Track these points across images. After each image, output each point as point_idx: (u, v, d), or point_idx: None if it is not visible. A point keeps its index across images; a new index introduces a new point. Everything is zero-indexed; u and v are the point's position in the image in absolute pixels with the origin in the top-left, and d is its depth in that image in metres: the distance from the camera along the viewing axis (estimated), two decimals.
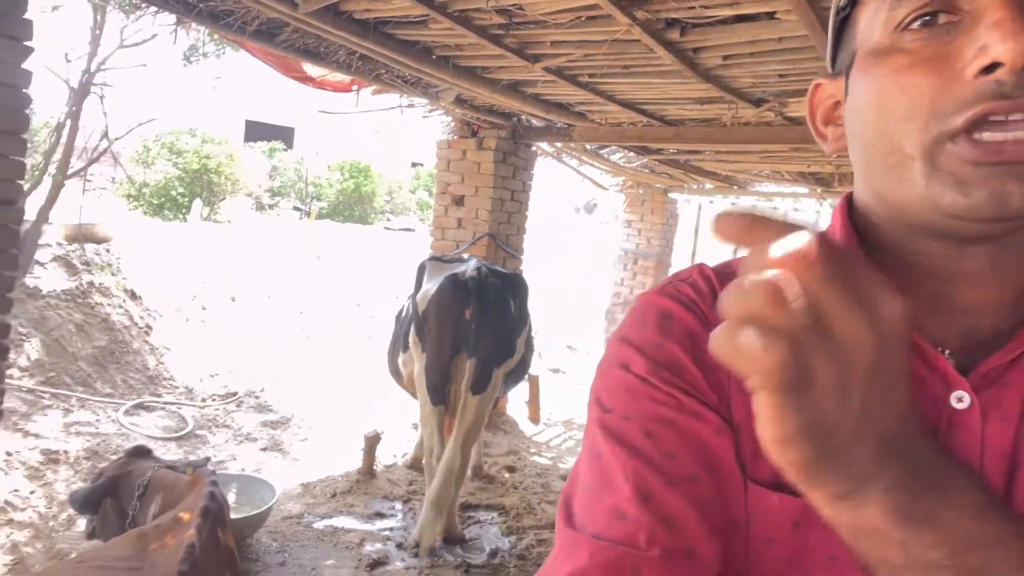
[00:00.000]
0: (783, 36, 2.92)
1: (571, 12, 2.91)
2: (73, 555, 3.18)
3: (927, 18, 0.51)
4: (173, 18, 3.47)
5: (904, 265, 0.58)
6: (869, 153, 0.55)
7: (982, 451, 0.52)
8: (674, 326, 0.61)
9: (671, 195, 8.24)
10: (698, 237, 8.62)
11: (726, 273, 0.65)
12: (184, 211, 11.52)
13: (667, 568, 0.51)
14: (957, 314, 0.56)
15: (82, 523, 3.30)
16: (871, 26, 0.55)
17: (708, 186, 7.61)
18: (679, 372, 0.59)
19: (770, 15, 2.76)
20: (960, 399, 0.54)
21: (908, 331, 0.37)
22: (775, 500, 0.55)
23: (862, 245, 0.60)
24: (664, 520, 0.52)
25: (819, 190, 6.70)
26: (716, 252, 8.36)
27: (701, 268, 0.67)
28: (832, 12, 0.60)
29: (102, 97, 4.89)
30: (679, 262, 8.61)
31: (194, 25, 3.59)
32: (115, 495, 2.73)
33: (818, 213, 8.01)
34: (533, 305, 4.25)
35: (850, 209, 0.62)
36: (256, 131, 18.77)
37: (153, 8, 3.36)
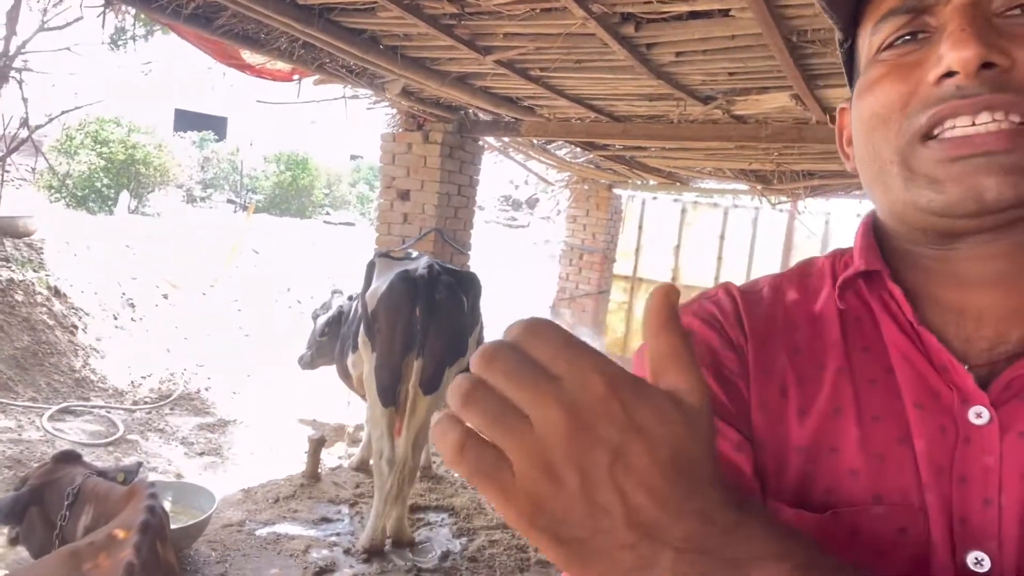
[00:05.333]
0: (736, 34, 2.93)
1: (526, 4, 2.84)
2: None
3: (906, 37, 0.55)
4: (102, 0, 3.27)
5: (922, 271, 0.59)
6: (862, 165, 0.59)
7: (1000, 469, 0.51)
8: (695, 343, 0.59)
9: (615, 191, 8.28)
10: (642, 232, 8.68)
11: (752, 292, 0.66)
12: (110, 203, 11.01)
13: None
14: (981, 322, 0.55)
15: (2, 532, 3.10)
16: (862, 53, 0.60)
17: (652, 182, 7.67)
18: None
19: (724, 12, 2.76)
20: (979, 414, 0.52)
21: (615, 395, 0.34)
22: (789, 515, 0.54)
23: (883, 254, 0.61)
24: None
25: (759, 187, 6.82)
26: (658, 247, 8.45)
27: (727, 286, 0.67)
28: (837, 46, 0.65)
29: (21, 82, 4.57)
30: (623, 257, 8.67)
31: (124, 7, 3.39)
32: (41, 503, 2.58)
33: (757, 209, 8.17)
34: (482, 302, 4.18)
35: (875, 225, 0.65)
36: (186, 120, 18.13)
37: None
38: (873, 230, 0.64)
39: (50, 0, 4.31)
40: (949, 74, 0.50)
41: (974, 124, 0.49)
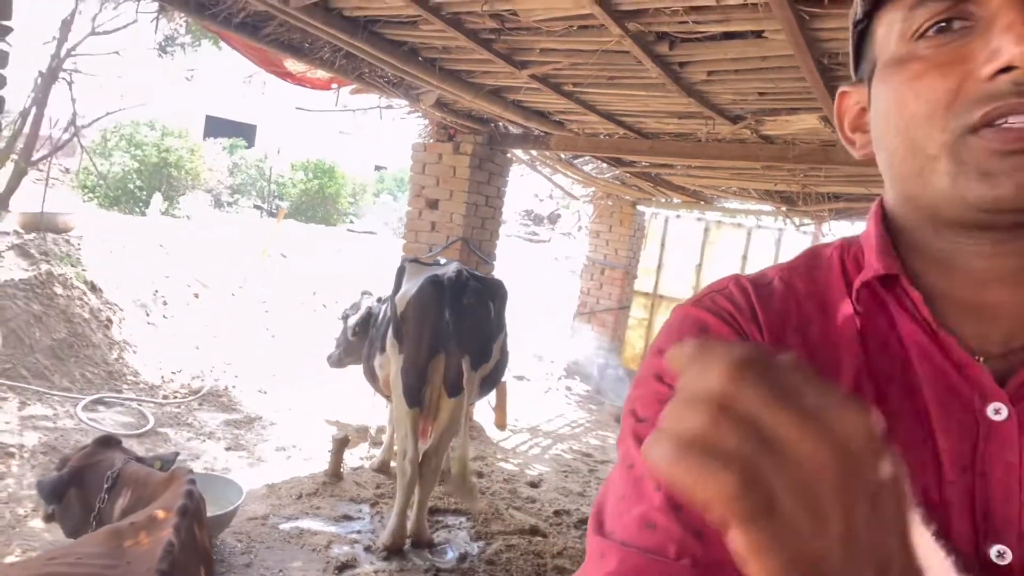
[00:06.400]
0: (768, 55, 3.00)
1: (565, 21, 2.94)
2: (36, 553, 3.07)
3: (942, 25, 0.52)
4: (155, 5, 3.41)
5: (939, 267, 0.58)
6: (894, 158, 0.56)
7: (1021, 466, 0.51)
8: (710, 339, 0.60)
9: (639, 207, 8.34)
10: (664, 250, 8.73)
11: (763, 284, 0.65)
12: (142, 204, 11.25)
13: None
14: (998, 319, 0.56)
15: (38, 521, 3.19)
16: (888, 36, 0.56)
17: (676, 200, 7.73)
18: None
19: (758, 34, 2.83)
20: (997, 411, 0.52)
21: (879, 441, 0.32)
22: None
23: (897, 249, 0.60)
24: (695, 531, 0.50)
25: (783, 208, 6.85)
26: (680, 265, 8.48)
27: (737, 279, 0.66)
28: (850, 24, 0.62)
29: (71, 84, 4.74)
30: (644, 274, 8.71)
31: (176, 14, 3.53)
32: (80, 485, 2.65)
33: (780, 231, 8.20)
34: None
35: (884, 214, 0.63)
36: (216, 127, 18.42)
37: None
38: (884, 222, 0.62)
39: (103, 4, 4.48)
40: (1005, 69, 0.48)
41: None
